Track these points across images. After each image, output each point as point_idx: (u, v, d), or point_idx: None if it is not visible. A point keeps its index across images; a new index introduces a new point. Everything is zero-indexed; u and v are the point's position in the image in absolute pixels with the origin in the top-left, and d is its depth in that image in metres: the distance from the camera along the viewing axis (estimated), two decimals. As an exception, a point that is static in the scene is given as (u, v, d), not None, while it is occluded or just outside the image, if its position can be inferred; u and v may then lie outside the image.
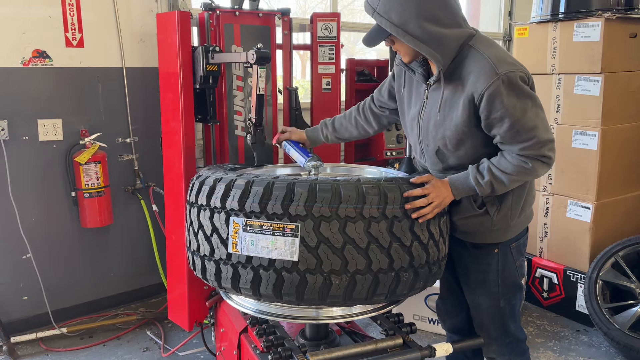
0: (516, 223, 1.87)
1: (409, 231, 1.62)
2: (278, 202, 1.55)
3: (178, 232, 2.52)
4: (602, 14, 3.10)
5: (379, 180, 1.63)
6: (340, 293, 1.58)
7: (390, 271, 1.60)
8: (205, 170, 1.85)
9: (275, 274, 1.57)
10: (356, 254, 1.56)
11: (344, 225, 1.54)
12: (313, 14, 2.96)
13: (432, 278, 1.78)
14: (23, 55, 3.01)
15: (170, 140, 2.55)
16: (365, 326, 2.97)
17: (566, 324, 3.36)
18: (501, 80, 1.56)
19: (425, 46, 1.59)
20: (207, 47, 2.40)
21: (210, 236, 1.68)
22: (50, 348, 3.04)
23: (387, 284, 1.62)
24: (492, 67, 1.58)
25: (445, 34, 1.60)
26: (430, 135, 1.80)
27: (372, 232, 1.56)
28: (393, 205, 1.59)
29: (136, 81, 3.39)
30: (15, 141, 3.03)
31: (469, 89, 1.63)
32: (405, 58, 1.76)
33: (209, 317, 2.64)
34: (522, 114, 1.60)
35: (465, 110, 1.65)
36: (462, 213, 1.82)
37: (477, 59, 1.61)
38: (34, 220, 3.15)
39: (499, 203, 1.80)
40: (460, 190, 1.74)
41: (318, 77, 2.98)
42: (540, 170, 1.70)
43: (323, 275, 1.55)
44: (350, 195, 1.55)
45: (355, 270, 1.56)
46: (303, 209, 1.53)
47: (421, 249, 1.66)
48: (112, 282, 3.50)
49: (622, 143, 3.30)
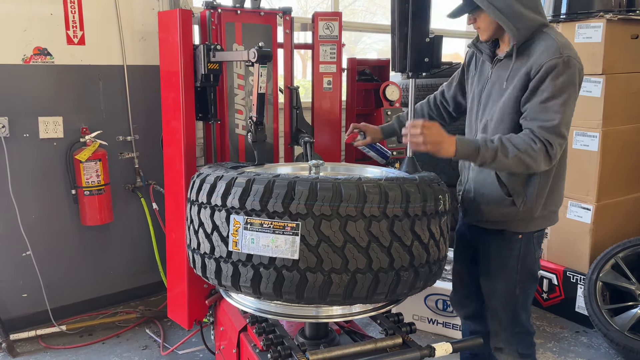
0: (540, 216, 1.96)
1: (409, 230, 1.62)
2: (279, 201, 1.55)
3: (178, 230, 2.52)
4: (603, 15, 3.10)
5: (380, 180, 1.63)
6: (341, 292, 1.58)
7: (391, 270, 1.60)
8: (206, 169, 1.85)
9: (275, 272, 1.57)
10: (357, 252, 1.56)
11: (344, 224, 1.54)
12: (314, 13, 2.96)
13: (433, 278, 1.77)
14: (24, 52, 3.01)
15: (170, 138, 2.55)
16: (365, 326, 2.97)
17: (566, 325, 3.35)
18: (562, 60, 1.74)
19: (506, 20, 1.78)
20: (208, 46, 2.40)
21: (210, 234, 1.68)
22: (49, 345, 3.04)
23: (388, 283, 1.62)
24: (558, 48, 1.76)
25: (525, 13, 1.79)
26: (486, 110, 1.96)
27: (373, 231, 1.56)
28: (394, 205, 1.59)
29: (137, 79, 3.39)
30: (15, 138, 3.03)
31: (531, 62, 1.79)
32: (483, 35, 1.92)
33: (209, 316, 2.64)
34: (559, 94, 1.75)
35: (520, 82, 1.81)
36: (491, 202, 1.95)
37: (547, 40, 1.80)
38: (34, 217, 3.15)
39: (525, 195, 1.91)
40: (464, 145, 1.78)
41: (319, 76, 2.98)
42: (541, 158, 1.76)
43: (323, 274, 1.55)
44: (351, 194, 1.55)
45: (356, 269, 1.56)
46: (304, 207, 1.53)
47: (422, 249, 1.66)
48: (111, 280, 3.50)
49: (622, 145, 3.30)
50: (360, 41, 7.67)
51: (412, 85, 2.04)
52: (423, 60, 1.94)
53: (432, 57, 1.94)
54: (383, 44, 7.42)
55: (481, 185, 1.99)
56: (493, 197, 1.94)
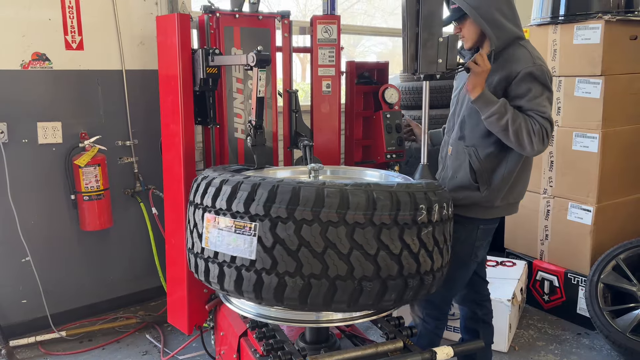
0: (499, 205, 2.16)
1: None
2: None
3: (178, 235, 2.52)
4: (602, 16, 3.10)
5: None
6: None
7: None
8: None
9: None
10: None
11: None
12: (313, 17, 2.96)
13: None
14: (23, 57, 3.00)
15: (170, 143, 2.55)
16: (366, 329, 2.96)
17: (567, 327, 3.34)
18: (535, 67, 2.01)
19: (489, 28, 2.03)
20: (207, 50, 2.40)
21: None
22: (49, 352, 3.03)
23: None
24: (532, 58, 2.04)
25: (505, 24, 2.05)
26: (464, 106, 2.19)
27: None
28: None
29: (136, 84, 3.39)
30: (14, 144, 3.02)
31: (508, 69, 2.03)
32: (467, 43, 2.16)
33: (209, 321, 2.63)
34: (542, 92, 2.02)
35: (499, 84, 2.04)
36: (460, 186, 2.15)
37: (522, 52, 2.07)
38: (33, 223, 3.14)
39: (490, 184, 2.12)
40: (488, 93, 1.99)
41: (318, 79, 2.98)
42: (537, 140, 1.96)
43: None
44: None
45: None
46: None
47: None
48: (111, 285, 3.49)
49: (622, 145, 3.30)
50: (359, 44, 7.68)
51: (425, 89, 1.98)
52: (435, 61, 1.89)
53: (446, 58, 1.91)
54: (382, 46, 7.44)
55: (455, 171, 2.19)
56: (463, 181, 2.15)
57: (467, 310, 2.50)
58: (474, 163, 2.12)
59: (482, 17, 2.03)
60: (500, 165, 2.11)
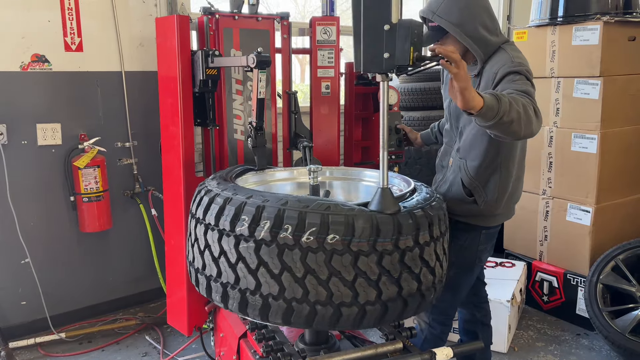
0: (500, 213, 2.15)
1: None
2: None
3: (177, 236, 2.52)
4: (600, 18, 3.11)
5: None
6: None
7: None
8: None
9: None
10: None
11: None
12: (312, 18, 2.96)
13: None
14: (22, 59, 3.00)
15: (169, 144, 2.55)
16: (365, 330, 2.96)
17: (567, 327, 3.35)
18: (514, 65, 1.94)
19: (474, 45, 1.99)
20: (206, 51, 2.40)
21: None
22: (48, 353, 3.03)
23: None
24: (511, 59, 1.97)
25: (489, 38, 2.02)
26: (456, 115, 2.15)
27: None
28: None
29: (135, 85, 3.39)
30: (14, 145, 3.02)
31: (488, 74, 1.99)
32: None
33: (208, 322, 2.63)
34: (525, 83, 1.91)
35: (485, 89, 1.97)
36: (457, 200, 2.11)
37: (502, 55, 2.02)
38: (33, 224, 3.14)
39: (486, 195, 2.07)
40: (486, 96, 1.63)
41: (317, 80, 2.98)
42: (535, 119, 1.74)
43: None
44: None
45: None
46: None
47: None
48: (111, 286, 3.49)
49: (621, 146, 3.30)
50: (358, 45, 7.66)
51: (383, 89, 1.52)
52: (381, 55, 1.46)
53: (394, 52, 1.45)
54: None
55: (451, 184, 2.15)
56: (458, 195, 2.12)
57: (466, 313, 2.50)
58: (464, 178, 2.08)
59: (467, 35, 1.98)
60: (492, 176, 2.05)
